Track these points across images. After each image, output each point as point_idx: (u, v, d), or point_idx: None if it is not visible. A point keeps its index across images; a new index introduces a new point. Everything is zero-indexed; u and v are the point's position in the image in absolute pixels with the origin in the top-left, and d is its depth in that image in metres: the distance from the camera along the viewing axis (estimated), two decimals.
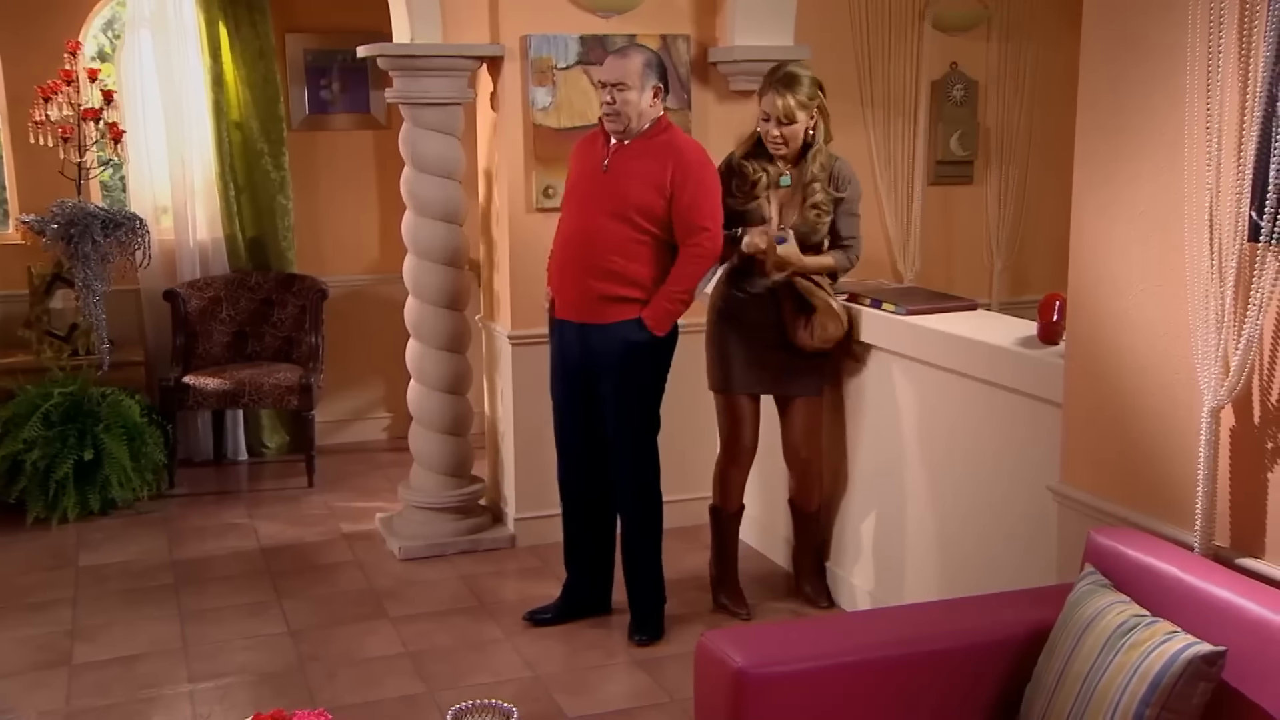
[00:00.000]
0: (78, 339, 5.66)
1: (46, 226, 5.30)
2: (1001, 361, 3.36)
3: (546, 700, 3.67)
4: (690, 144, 3.92)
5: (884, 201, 5.34)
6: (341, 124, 6.31)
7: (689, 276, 3.84)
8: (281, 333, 6.04)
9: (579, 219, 3.89)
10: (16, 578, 4.66)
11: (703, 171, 3.86)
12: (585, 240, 3.84)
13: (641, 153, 3.82)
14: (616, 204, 3.80)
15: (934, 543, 3.81)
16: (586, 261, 3.84)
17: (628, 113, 3.78)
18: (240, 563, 4.80)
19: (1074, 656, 2.36)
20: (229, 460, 6.15)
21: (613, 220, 3.80)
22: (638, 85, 3.78)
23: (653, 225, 3.81)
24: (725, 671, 2.34)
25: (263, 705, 3.61)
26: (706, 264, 3.87)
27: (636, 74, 3.77)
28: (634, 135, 3.82)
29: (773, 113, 3.95)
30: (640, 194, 3.79)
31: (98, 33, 6.23)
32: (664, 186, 3.78)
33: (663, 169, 3.78)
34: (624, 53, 3.90)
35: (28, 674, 3.86)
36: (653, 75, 3.81)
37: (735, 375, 4.13)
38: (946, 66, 5.47)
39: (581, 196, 3.90)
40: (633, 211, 3.78)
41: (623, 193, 3.80)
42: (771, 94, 3.96)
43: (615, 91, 3.78)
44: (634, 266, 3.82)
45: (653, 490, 4.05)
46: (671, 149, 3.82)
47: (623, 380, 3.90)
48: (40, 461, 5.13)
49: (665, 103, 3.89)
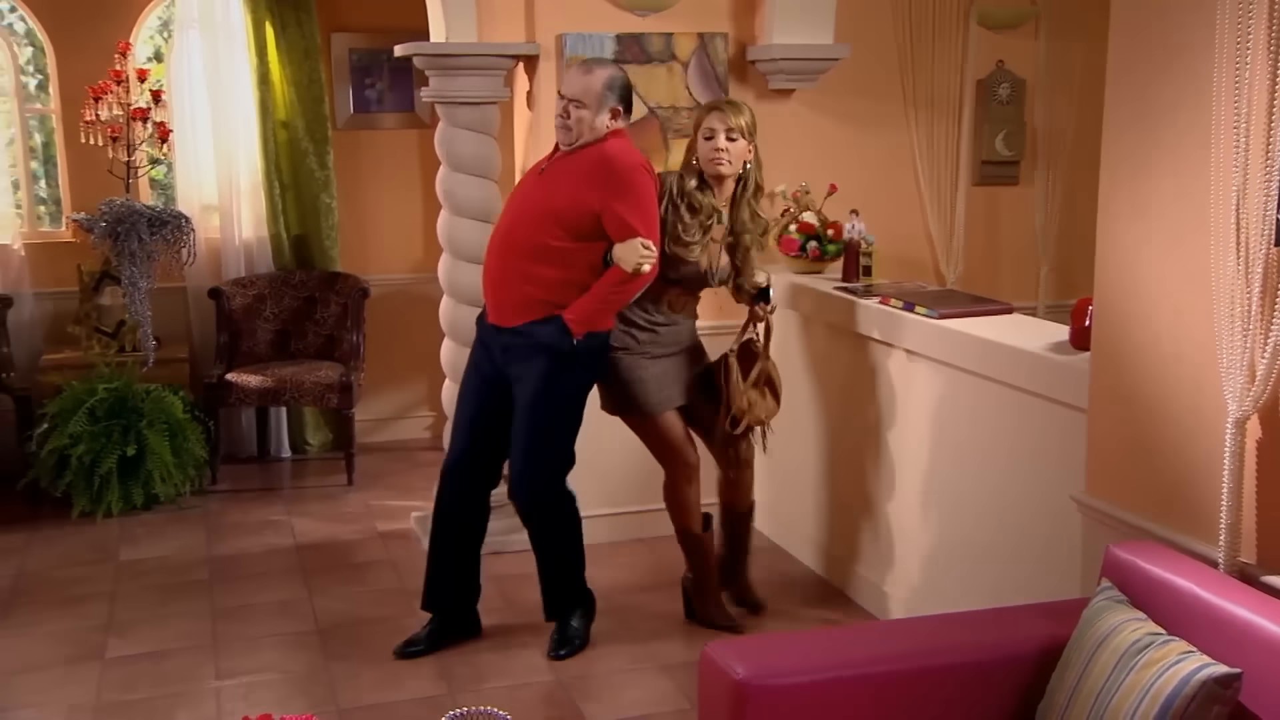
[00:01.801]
0: (125, 336, 5.74)
1: (95, 225, 5.39)
2: (1030, 367, 3.28)
3: (568, 705, 3.64)
4: (622, 152, 3.73)
5: (927, 202, 5.23)
6: (386, 123, 6.34)
7: (623, 288, 3.69)
8: (324, 331, 6.08)
9: (507, 222, 3.84)
10: (58, 571, 4.74)
11: (632, 178, 3.69)
12: (509, 244, 3.77)
13: (576, 162, 3.74)
14: (542, 210, 3.73)
15: (962, 550, 3.72)
16: (508, 265, 3.76)
17: (579, 129, 3.72)
18: (274, 560, 4.83)
19: (1087, 674, 2.29)
20: (272, 457, 6.21)
21: (535, 226, 3.71)
22: (593, 105, 3.70)
23: (569, 235, 3.67)
24: (727, 682, 2.30)
25: (285, 704, 3.64)
26: (643, 281, 3.71)
27: (594, 94, 3.70)
28: (578, 147, 3.76)
29: (719, 126, 3.88)
30: (564, 201, 3.69)
31: (153, 33, 6.31)
32: (588, 196, 3.66)
33: (590, 177, 3.68)
34: (588, 67, 3.81)
35: (60, 668, 3.91)
36: (612, 97, 3.73)
37: (665, 393, 3.98)
38: (992, 65, 5.34)
39: (517, 200, 3.86)
40: (554, 219, 3.68)
41: (549, 199, 3.73)
42: (716, 112, 3.92)
43: (571, 106, 3.73)
44: (550, 272, 3.69)
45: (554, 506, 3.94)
46: (602, 159, 3.70)
47: (535, 383, 3.74)
48: (86, 456, 5.20)
49: (623, 123, 3.78)
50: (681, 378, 4.03)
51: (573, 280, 3.70)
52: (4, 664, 3.93)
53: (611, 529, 4.81)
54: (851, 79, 4.95)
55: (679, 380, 4.03)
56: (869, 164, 5.06)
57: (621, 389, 3.97)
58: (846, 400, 4.35)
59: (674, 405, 4.00)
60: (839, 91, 4.96)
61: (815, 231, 4.64)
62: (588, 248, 3.69)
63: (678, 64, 4.72)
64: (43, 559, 4.86)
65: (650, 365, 3.95)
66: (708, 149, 3.90)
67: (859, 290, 4.27)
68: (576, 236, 3.68)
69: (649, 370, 3.95)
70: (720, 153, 3.89)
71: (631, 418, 4.03)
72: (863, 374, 4.20)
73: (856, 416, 4.26)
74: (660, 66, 4.70)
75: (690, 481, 4.07)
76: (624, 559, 4.68)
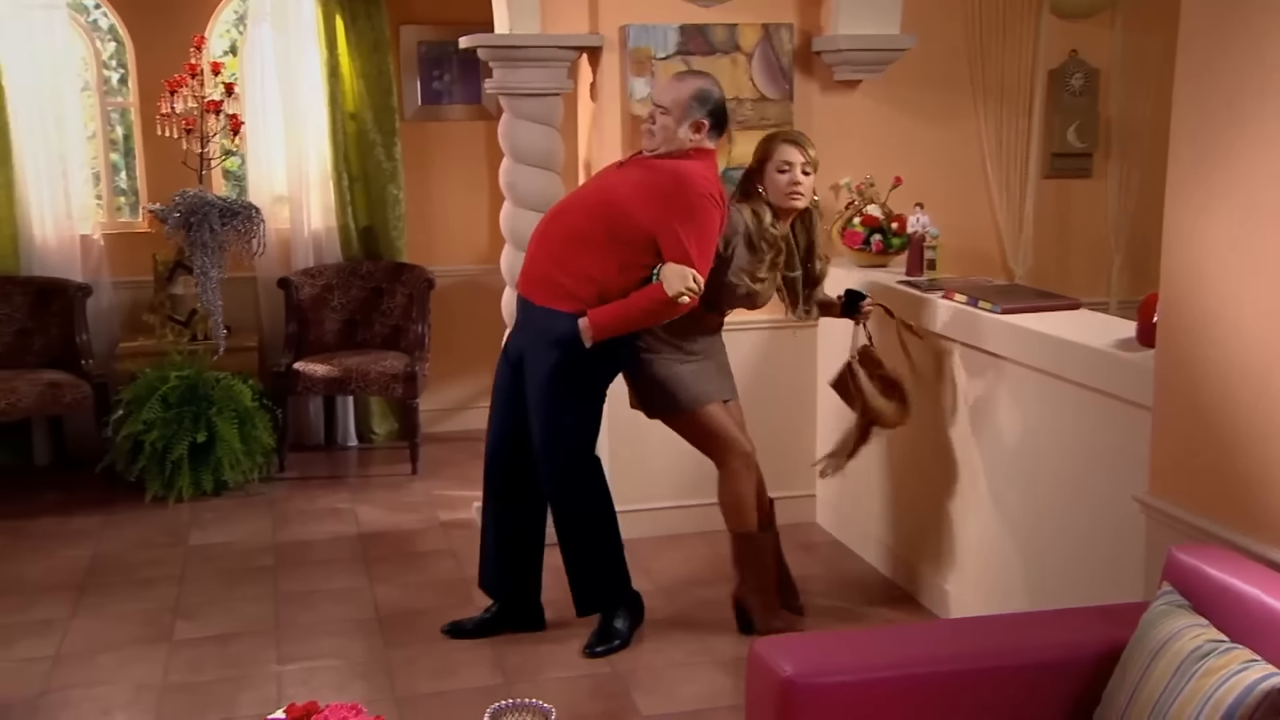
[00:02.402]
0: (197, 324, 5.85)
1: (168, 215, 5.49)
2: (1095, 363, 3.21)
3: (623, 698, 3.65)
4: (699, 176, 3.64)
5: (995, 195, 5.14)
6: (454, 115, 6.39)
7: (654, 311, 3.63)
8: (390, 321, 6.15)
9: (566, 201, 3.83)
10: (131, 553, 4.85)
11: (701, 206, 3.60)
12: (556, 220, 3.76)
13: (652, 170, 3.69)
14: (598, 199, 3.70)
15: (1025, 550, 3.66)
16: (547, 238, 3.75)
17: (661, 136, 3.70)
18: (337, 547, 4.90)
19: (1145, 680, 2.23)
20: (339, 446, 6.30)
21: (584, 211, 3.70)
22: (677, 115, 3.67)
23: (609, 230, 3.62)
24: (774, 680, 2.28)
25: (343, 689, 3.69)
26: (680, 309, 3.63)
27: (681, 104, 3.67)
28: (658, 155, 3.72)
29: (795, 161, 3.85)
30: (622, 200, 3.65)
31: (229, 27, 6.42)
32: (648, 207, 3.60)
33: (658, 191, 3.61)
34: (682, 77, 3.82)
35: (130, 648, 4.00)
36: (699, 110, 3.67)
37: (702, 386, 3.91)
38: (1065, 54, 5.23)
39: (587, 184, 3.84)
40: (604, 210, 3.64)
41: (610, 192, 3.70)
42: (793, 146, 3.88)
43: (657, 113, 3.72)
44: (577, 260, 3.64)
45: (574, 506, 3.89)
46: (676, 177, 3.62)
47: (540, 376, 3.73)
48: (158, 442, 5.32)
49: (710, 139, 3.73)
50: (716, 376, 3.97)
51: (594, 276, 3.64)
52: (79, 643, 4.04)
53: (671, 521, 4.80)
54: (918, 70, 4.88)
55: (716, 378, 3.97)
56: (936, 156, 4.99)
57: (657, 388, 3.89)
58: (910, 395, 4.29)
59: (715, 399, 3.93)
60: (905, 82, 4.89)
61: (879, 225, 4.58)
62: (621, 250, 3.63)
63: (742, 55, 4.69)
64: (117, 541, 4.98)
65: (686, 361, 3.90)
66: (784, 182, 3.85)
67: (923, 284, 4.21)
68: (615, 236, 3.63)
69: (684, 366, 3.89)
70: (798, 186, 3.86)
71: (671, 416, 3.95)
72: (924, 369, 4.14)
73: (920, 412, 4.19)
74: (724, 58, 4.67)
75: (749, 470, 3.94)
76: (683, 552, 4.67)
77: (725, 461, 3.95)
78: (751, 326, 4.53)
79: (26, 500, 5.50)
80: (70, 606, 4.33)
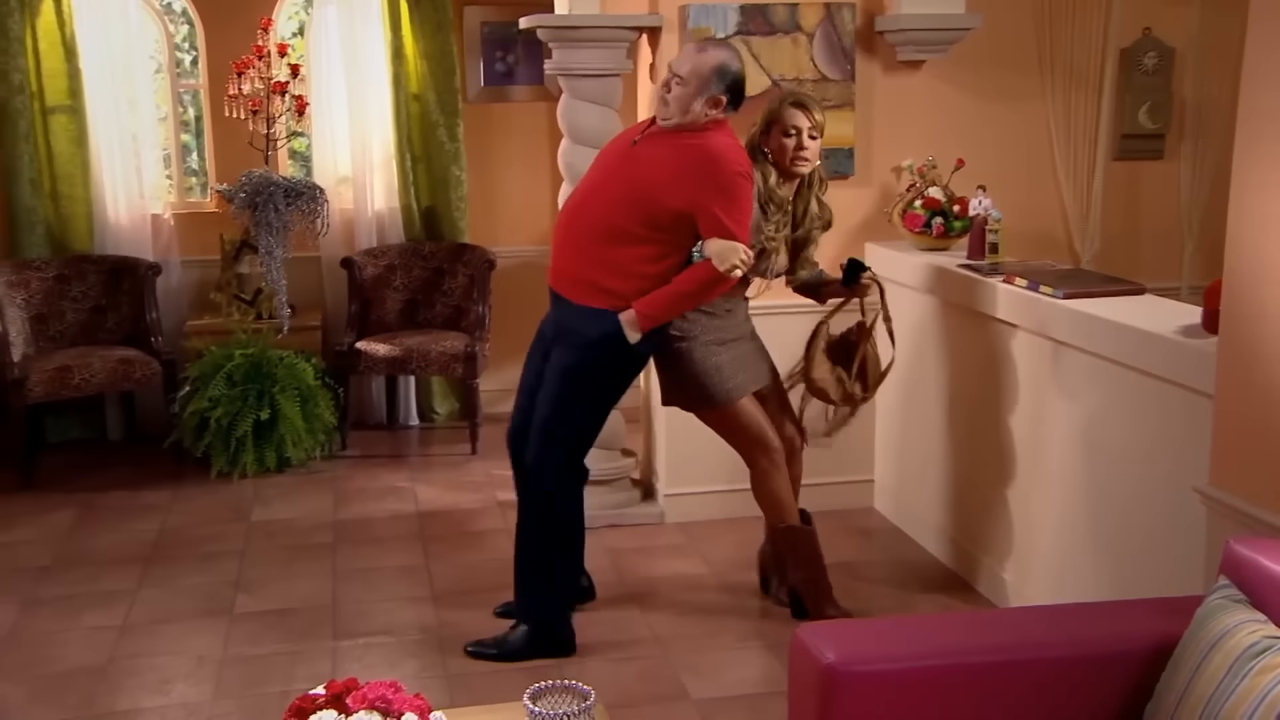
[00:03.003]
0: (262, 303, 5.93)
1: (234, 195, 5.58)
2: (1156, 350, 3.13)
3: (673, 681, 3.64)
4: (729, 153, 3.53)
5: (1061, 177, 5.02)
6: (517, 96, 6.40)
7: (703, 291, 3.56)
8: (452, 302, 6.18)
9: (584, 191, 3.70)
10: (196, 528, 4.95)
11: (737, 184, 3.50)
12: (580, 215, 3.66)
13: (674, 148, 3.54)
14: (624, 191, 3.56)
15: (1085, 539, 3.59)
16: (572, 236, 3.66)
17: (675, 107, 3.55)
18: (396, 525, 4.95)
19: (1198, 677, 2.17)
20: (400, 425, 6.36)
21: (613, 206, 3.56)
22: (695, 86, 3.49)
23: (645, 223, 3.52)
24: (816, 667, 2.25)
25: (396, 666, 3.73)
26: (728, 284, 3.57)
27: (700, 76, 3.50)
28: (672, 127, 3.58)
29: (803, 125, 3.77)
30: (650, 188, 3.51)
31: (299, 9, 6.48)
32: (681, 191, 3.48)
33: (689, 172, 3.49)
34: (703, 47, 3.64)
35: (193, 620, 4.09)
36: (717, 84, 3.50)
37: (737, 379, 3.84)
38: (1138, 32, 5.09)
39: (600, 169, 3.71)
40: (634, 203, 3.52)
41: (634, 181, 3.55)
42: (800, 110, 3.79)
43: (673, 82, 3.55)
44: (615, 255, 3.55)
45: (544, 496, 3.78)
46: (706, 156, 3.49)
47: (559, 368, 3.67)
48: (224, 419, 5.41)
49: (725, 113, 3.56)
50: (752, 364, 3.92)
51: (632, 270, 3.56)
52: (146, 614, 4.13)
53: (727, 505, 4.78)
54: (984, 49, 4.78)
55: (753, 363, 3.92)
56: (1001, 138, 4.89)
57: (693, 380, 3.83)
58: (969, 381, 4.23)
59: (747, 391, 3.87)
60: (971, 62, 4.79)
61: (941, 207, 4.51)
62: (658, 237, 3.55)
63: (803, 35, 4.63)
64: (183, 516, 5.08)
65: (722, 351, 3.83)
66: (790, 146, 3.79)
67: (984, 268, 4.14)
68: (652, 225, 3.53)
69: (721, 356, 3.82)
70: (803, 152, 3.80)
71: (704, 410, 3.89)
72: (985, 355, 4.08)
73: (979, 398, 4.13)
74: (784, 38, 4.62)
75: (778, 469, 3.88)
76: (738, 535, 4.64)
77: (754, 460, 3.89)
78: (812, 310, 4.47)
79: (99, 474, 5.63)
80: (137, 578, 4.43)
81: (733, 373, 3.84)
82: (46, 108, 5.84)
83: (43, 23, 5.78)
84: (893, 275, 4.67)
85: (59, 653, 3.86)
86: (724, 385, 3.82)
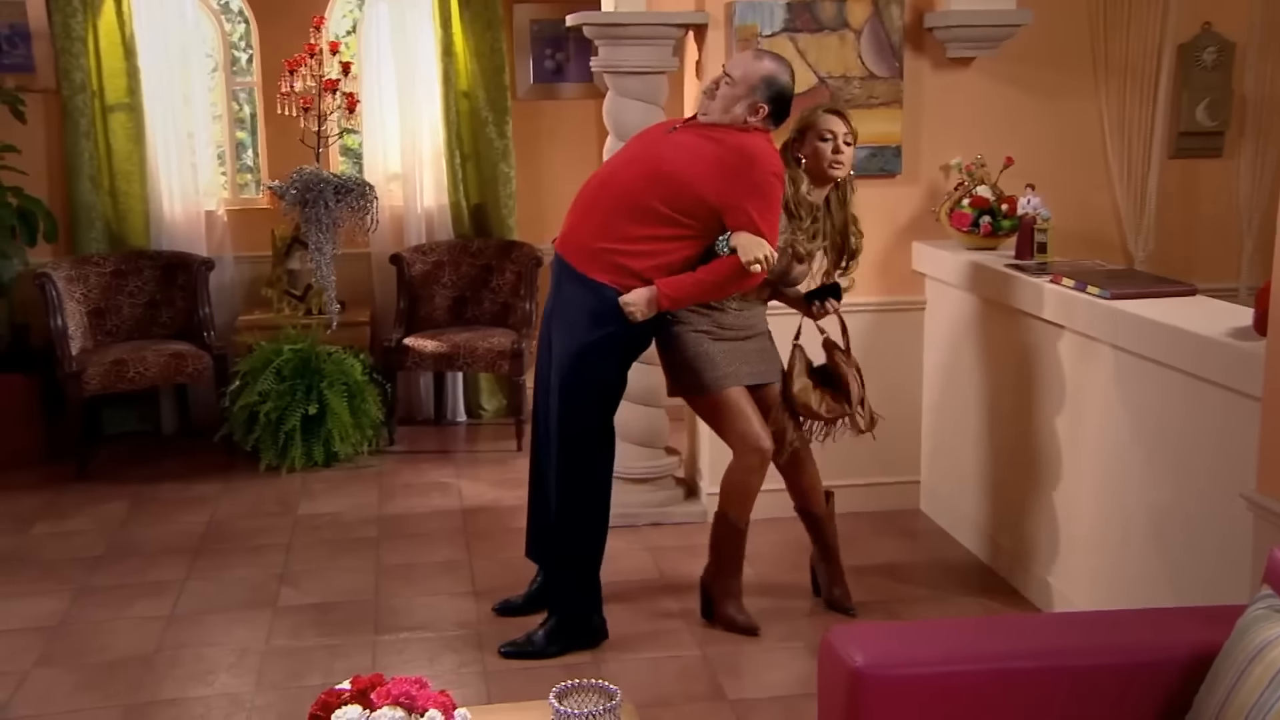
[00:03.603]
0: (311, 299, 6.00)
1: (285, 192, 5.63)
2: (1204, 352, 3.06)
3: (709, 680, 3.63)
4: (766, 154, 3.55)
5: (1115, 176, 4.92)
6: (566, 93, 6.41)
7: (727, 282, 3.55)
8: (500, 299, 6.21)
9: (613, 165, 3.71)
10: (244, 520, 5.01)
11: (770, 184, 3.52)
12: (606, 187, 3.66)
13: (712, 141, 3.57)
14: (654, 170, 3.56)
15: (1130, 544, 3.52)
16: (597, 207, 3.65)
17: (720, 104, 3.59)
18: (440, 521, 4.98)
19: (1237, 689, 2.12)
20: (448, 421, 6.40)
21: (640, 182, 3.57)
22: (742, 90, 3.56)
23: (670, 205, 3.52)
24: (844, 670, 2.23)
25: (435, 661, 3.75)
26: (752, 280, 3.55)
27: (750, 80, 3.56)
28: (711, 123, 3.61)
29: (838, 131, 3.76)
30: (681, 172, 3.52)
31: (353, 7, 6.54)
32: (712, 182, 3.50)
33: (724, 166, 3.50)
34: (760, 55, 3.67)
35: (237, 611, 4.14)
36: (763, 93, 3.56)
37: (730, 368, 3.78)
38: (1197, 27, 4.98)
39: (633, 148, 3.72)
40: (661, 183, 3.53)
41: (666, 163, 3.56)
42: (835, 116, 3.79)
43: (723, 81, 3.61)
44: (636, 231, 3.54)
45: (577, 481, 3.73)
46: (744, 153, 3.51)
47: (572, 347, 3.64)
48: (272, 413, 5.48)
49: (765, 125, 3.61)
50: (751, 360, 3.85)
51: (646, 249, 3.56)
52: (192, 605, 4.19)
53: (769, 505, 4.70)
54: (1036, 45, 4.70)
55: (750, 362, 3.85)
56: (1053, 136, 4.81)
57: (685, 365, 3.80)
58: (1015, 382, 4.17)
59: (739, 382, 3.80)
60: (1022, 59, 4.71)
61: (989, 206, 4.44)
62: (678, 220, 3.55)
63: (850, 32, 4.59)
64: (231, 509, 5.15)
65: (715, 341, 3.79)
66: (826, 151, 3.77)
67: (1031, 268, 4.08)
68: (675, 206, 3.54)
69: (714, 346, 3.78)
70: (840, 156, 3.78)
71: (695, 398, 3.87)
72: (1031, 355, 4.02)
73: (1024, 399, 4.07)
74: (832, 35, 4.58)
75: (759, 472, 3.82)
76: (779, 535, 4.59)
77: (741, 451, 3.82)
78: (857, 309, 4.43)
79: (153, 466, 5.73)
80: (185, 569, 4.49)
81: (725, 362, 3.78)
82: (106, 106, 5.94)
83: (103, 23, 5.88)
84: (939, 274, 4.62)
85: (107, 641, 3.93)
86: (714, 373, 3.76)
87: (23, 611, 4.14)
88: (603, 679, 3.45)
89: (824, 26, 4.57)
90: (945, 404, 4.70)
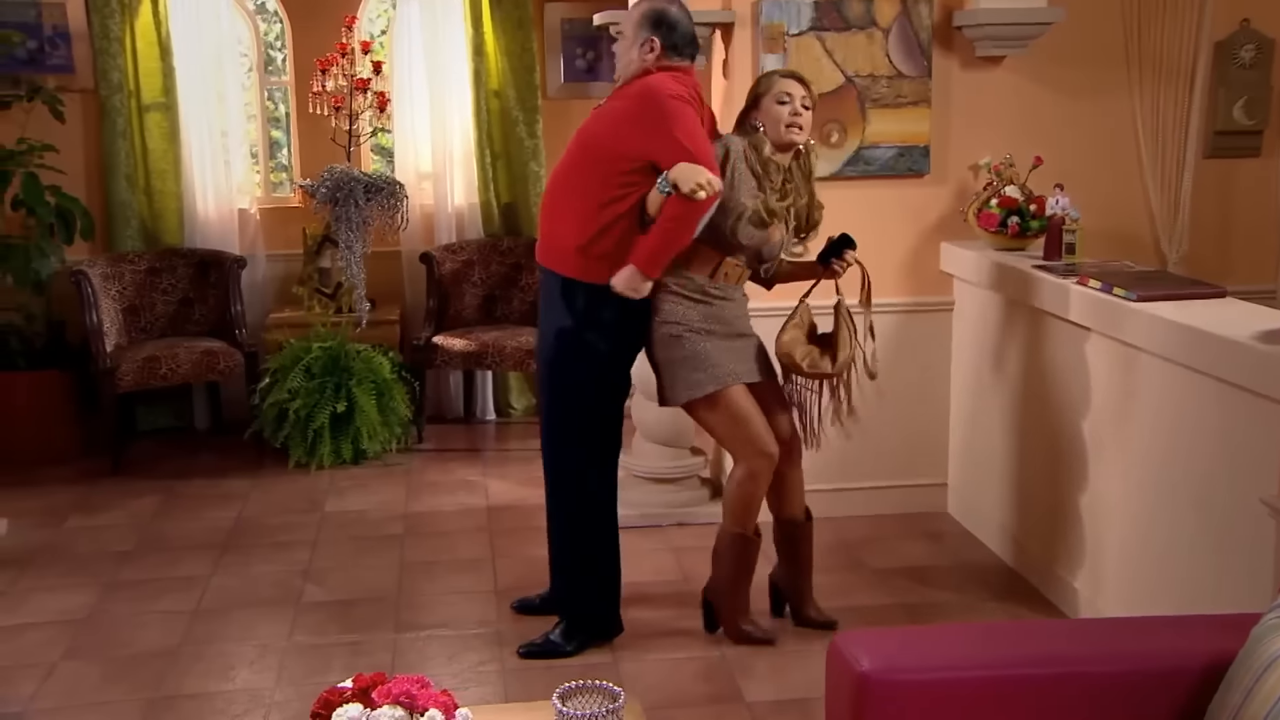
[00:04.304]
0: (342, 297, 6.03)
1: (316, 190, 5.67)
2: (1230, 355, 3.00)
3: (727, 681, 3.61)
4: (661, 83, 3.51)
5: (1148, 176, 4.84)
6: (597, 92, 6.38)
7: (681, 218, 3.39)
8: (529, 298, 6.22)
9: (564, 156, 3.71)
10: (271, 517, 5.05)
11: (672, 105, 3.45)
12: (554, 178, 3.71)
13: (619, 95, 3.65)
14: (582, 144, 3.61)
15: (1156, 550, 3.46)
16: (549, 199, 3.70)
17: (619, 60, 3.68)
18: (465, 519, 4.99)
19: (1250, 700, 2.07)
20: (477, 419, 6.42)
21: (575, 161, 3.60)
22: (629, 35, 3.62)
23: (605, 171, 3.49)
24: (851, 674, 2.20)
25: (454, 659, 3.76)
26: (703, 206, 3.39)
27: (631, 23, 3.62)
28: (625, 82, 3.66)
29: (795, 93, 3.66)
30: (602, 137, 3.55)
31: (386, 7, 6.58)
32: (627, 132, 3.49)
33: (629, 113, 3.52)
34: (639, 2, 3.67)
35: (261, 607, 4.17)
36: (648, 28, 3.57)
37: (730, 366, 3.65)
38: (1235, 24, 4.90)
39: (574, 136, 3.73)
40: (592, 154, 3.54)
41: (591, 135, 3.60)
42: (793, 80, 3.71)
43: (617, 36, 3.69)
44: (577, 205, 3.53)
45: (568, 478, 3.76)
46: (640, 90, 3.52)
47: (552, 339, 3.67)
48: (301, 410, 5.52)
49: (671, 59, 3.58)
50: (745, 357, 3.72)
51: (594, 217, 3.51)
52: (217, 600, 4.23)
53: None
54: (1067, 43, 4.64)
55: (745, 360, 3.71)
56: (1084, 135, 4.74)
57: (680, 368, 3.64)
58: (1042, 384, 4.12)
59: (742, 380, 3.67)
60: (1053, 57, 4.65)
61: (1017, 206, 4.39)
62: (616, 180, 3.49)
63: (878, 31, 4.55)
64: (260, 505, 5.19)
65: (711, 340, 3.65)
66: (784, 113, 3.64)
67: (1059, 269, 4.02)
68: (607, 166, 3.50)
69: (713, 343, 3.65)
70: (798, 118, 3.65)
71: (696, 402, 3.66)
72: (1058, 357, 3.97)
73: (1052, 402, 4.02)
74: (859, 34, 4.54)
75: (764, 477, 3.69)
76: None
77: (747, 459, 3.69)
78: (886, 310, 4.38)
79: (184, 462, 5.79)
80: (212, 564, 4.54)
81: (724, 360, 3.64)
82: (142, 105, 6.01)
83: (140, 23, 5.95)
84: (966, 275, 4.58)
85: (133, 635, 3.97)
86: (715, 371, 3.62)
87: (53, 605, 4.20)
88: (621, 680, 3.47)
89: (851, 25, 4.54)
90: (973, 406, 4.65)
